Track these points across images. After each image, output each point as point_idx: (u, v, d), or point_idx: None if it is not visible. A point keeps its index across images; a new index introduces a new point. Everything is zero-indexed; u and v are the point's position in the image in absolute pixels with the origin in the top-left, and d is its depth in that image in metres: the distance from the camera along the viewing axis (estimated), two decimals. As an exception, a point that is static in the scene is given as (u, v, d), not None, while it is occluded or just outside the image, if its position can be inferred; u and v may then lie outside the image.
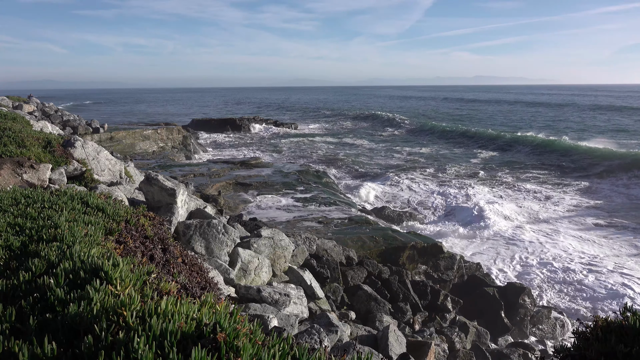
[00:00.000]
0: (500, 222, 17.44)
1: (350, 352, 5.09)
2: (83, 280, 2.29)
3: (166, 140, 31.47)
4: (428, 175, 27.13)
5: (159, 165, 23.65)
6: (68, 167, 7.43)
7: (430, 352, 6.45)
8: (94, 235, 3.26)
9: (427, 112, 76.55)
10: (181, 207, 7.20)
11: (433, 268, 11.51)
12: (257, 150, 37.28)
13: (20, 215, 3.66)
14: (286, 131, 53.62)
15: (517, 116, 65.79)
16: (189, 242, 6.58)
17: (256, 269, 6.90)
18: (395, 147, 39.92)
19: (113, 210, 4.15)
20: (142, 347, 1.63)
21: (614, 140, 37.61)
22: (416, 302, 9.72)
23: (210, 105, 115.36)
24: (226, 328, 1.81)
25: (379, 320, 8.39)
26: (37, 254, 2.76)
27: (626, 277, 13.09)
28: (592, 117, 61.99)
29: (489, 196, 21.70)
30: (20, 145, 7.57)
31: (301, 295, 6.90)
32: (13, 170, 6.28)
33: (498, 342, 9.78)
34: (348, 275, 9.64)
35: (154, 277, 2.54)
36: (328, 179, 22.07)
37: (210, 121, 54.46)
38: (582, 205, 20.99)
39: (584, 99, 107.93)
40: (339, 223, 13.62)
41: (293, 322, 5.66)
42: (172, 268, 3.68)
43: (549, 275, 13.24)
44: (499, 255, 14.67)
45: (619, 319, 2.32)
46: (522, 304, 10.53)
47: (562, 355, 2.32)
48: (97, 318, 1.83)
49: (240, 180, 19.72)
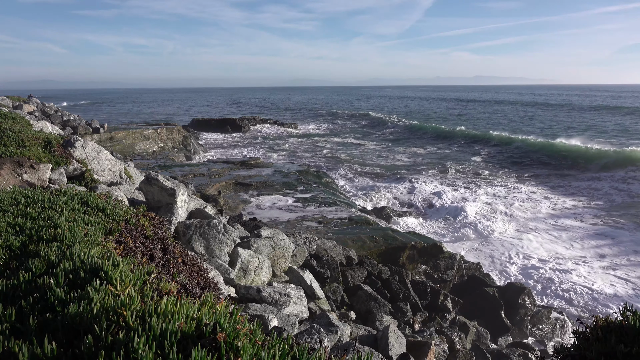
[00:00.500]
0: (484, 223, 17.49)
1: (350, 352, 5.09)
2: (83, 280, 2.29)
3: (166, 140, 31.47)
4: (431, 175, 27.22)
5: (159, 165, 23.65)
6: (68, 167, 7.43)
7: (430, 352, 6.45)
8: (94, 235, 3.26)
9: (427, 113, 76.68)
10: (181, 207, 7.20)
11: (433, 268, 11.51)
12: (257, 150, 37.29)
13: (20, 215, 3.66)
14: (286, 131, 53.62)
15: (517, 116, 65.97)
16: (189, 242, 6.58)
17: (256, 269, 6.90)
18: (397, 148, 39.96)
19: (113, 210, 4.15)
20: (142, 347, 1.63)
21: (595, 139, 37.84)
22: (416, 302, 9.72)
23: (211, 105, 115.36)
24: (226, 328, 1.81)
25: (379, 320, 8.39)
26: (37, 254, 2.76)
27: (616, 276, 13.13)
28: (584, 117, 62.32)
29: (484, 197, 21.74)
30: (20, 145, 7.57)
31: (301, 295, 6.89)
32: (13, 170, 6.28)
33: (498, 342, 9.78)
34: (348, 275, 9.64)
35: (154, 277, 2.54)
36: (328, 179, 22.07)
37: (210, 121, 54.46)
38: (579, 206, 21.04)
39: (583, 99, 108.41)
40: (339, 223, 13.62)
41: (293, 322, 5.66)
42: (172, 268, 3.68)
43: (544, 274, 13.25)
44: (494, 255, 14.70)
45: (619, 319, 2.32)
46: (522, 304, 10.54)
47: (562, 355, 2.32)
48: (97, 318, 1.83)
49: (240, 180, 19.72)
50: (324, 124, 62.45)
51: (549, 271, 13.52)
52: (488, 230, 16.80)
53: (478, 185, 24.44)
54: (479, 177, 27.10)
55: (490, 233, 16.58)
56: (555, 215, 19.46)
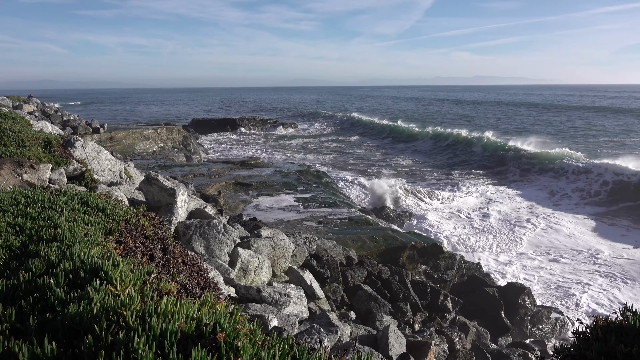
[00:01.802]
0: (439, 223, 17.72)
1: (350, 352, 5.09)
2: (83, 280, 2.29)
3: (166, 140, 31.46)
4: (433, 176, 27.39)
5: (159, 165, 23.64)
6: (68, 167, 7.43)
7: (430, 352, 6.45)
8: (94, 235, 3.26)
9: (427, 113, 76.90)
10: (181, 207, 7.20)
11: (433, 268, 11.51)
12: (257, 150, 37.29)
13: (20, 215, 3.66)
14: (287, 131, 53.62)
15: (512, 118, 66.17)
16: (189, 242, 6.58)
17: (256, 269, 6.90)
18: (397, 145, 40.03)
19: (113, 210, 4.15)
20: (142, 347, 1.63)
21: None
22: (416, 302, 9.72)
23: (211, 105, 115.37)
24: (226, 328, 1.81)
25: (379, 320, 8.38)
26: (37, 254, 2.76)
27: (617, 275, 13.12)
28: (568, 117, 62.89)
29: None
30: (20, 145, 7.56)
31: (301, 295, 6.89)
32: (13, 170, 6.28)
33: (498, 342, 9.78)
34: (348, 275, 9.63)
35: (154, 277, 2.54)
36: (328, 179, 22.06)
37: (210, 121, 54.47)
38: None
39: (581, 99, 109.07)
40: (339, 223, 13.62)
41: (293, 322, 5.66)
42: (172, 268, 3.68)
43: (544, 275, 13.26)
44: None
45: (619, 319, 2.32)
46: (522, 304, 10.53)
47: (562, 355, 2.31)
48: (97, 318, 1.83)
49: (240, 180, 19.72)
50: (324, 124, 62.47)
51: (549, 271, 13.52)
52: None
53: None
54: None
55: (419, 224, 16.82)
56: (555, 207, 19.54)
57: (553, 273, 13.40)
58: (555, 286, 12.61)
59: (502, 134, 41.96)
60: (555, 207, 21.16)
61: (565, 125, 53.05)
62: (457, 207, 20.04)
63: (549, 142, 35.76)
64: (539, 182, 25.96)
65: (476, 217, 18.59)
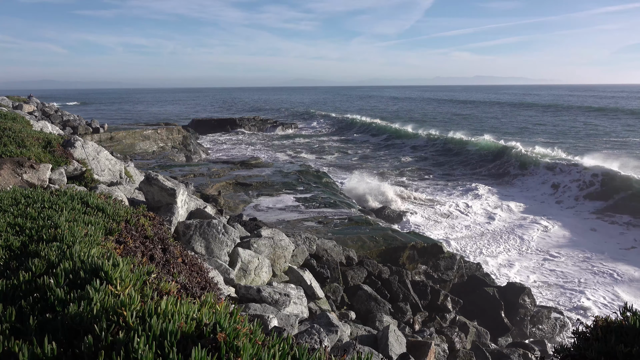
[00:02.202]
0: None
1: (350, 352, 5.09)
2: (83, 280, 2.29)
3: (166, 140, 31.46)
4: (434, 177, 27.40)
5: (159, 165, 23.65)
6: (68, 167, 7.42)
7: (430, 352, 6.45)
8: (94, 235, 3.26)
9: (427, 113, 76.98)
10: (181, 207, 7.19)
11: (433, 268, 11.51)
12: (257, 150, 37.28)
13: (20, 215, 3.66)
14: (287, 131, 53.61)
15: (512, 118, 66.19)
16: (189, 242, 6.58)
17: (256, 269, 6.90)
18: (397, 145, 40.02)
19: (113, 210, 4.15)
20: (142, 347, 1.63)
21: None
22: (416, 302, 9.72)
23: (211, 105, 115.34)
24: (226, 328, 1.81)
25: (379, 320, 8.38)
26: (37, 254, 2.76)
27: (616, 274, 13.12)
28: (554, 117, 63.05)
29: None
30: (20, 145, 7.56)
31: (301, 295, 6.89)
32: (13, 170, 6.28)
33: (498, 342, 9.78)
34: (348, 275, 9.63)
35: (154, 277, 2.54)
36: (328, 179, 22.06)
37: (210, 121, 54.47)
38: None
39: (581, 99, 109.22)
40: (339, 223, 13.62)
41: (293, 322, 5.66)
42: (172, 268, 3.68)
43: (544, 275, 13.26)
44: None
45: (619, 319, 2.32)
46: (522, 304, 10.53)
47: (562, 355, 2.31)
48: (97, 318, 1.83)
49: (240, 180, 19.72)
50: (324, 124, 62.45)
51: (549, 271, 13.53)
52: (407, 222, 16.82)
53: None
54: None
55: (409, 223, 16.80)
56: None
57: (553, 273, 13.40)
58: (555, 286, 12.62)
59: (502, 134, 42.09)
60: (555, 207, 21.22)
61: (565, 125, 53.18)
62: (457, 207, 20.05)
63: (548, 143, 35.81)
64: (538, 182, 26.01)
65: (476, 217, 18.59)
